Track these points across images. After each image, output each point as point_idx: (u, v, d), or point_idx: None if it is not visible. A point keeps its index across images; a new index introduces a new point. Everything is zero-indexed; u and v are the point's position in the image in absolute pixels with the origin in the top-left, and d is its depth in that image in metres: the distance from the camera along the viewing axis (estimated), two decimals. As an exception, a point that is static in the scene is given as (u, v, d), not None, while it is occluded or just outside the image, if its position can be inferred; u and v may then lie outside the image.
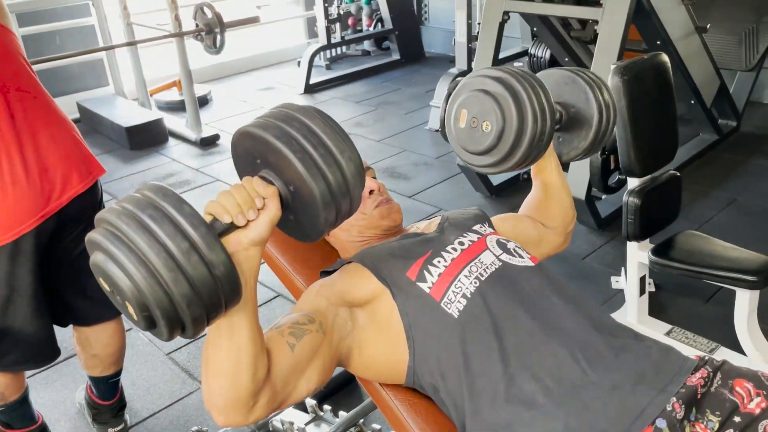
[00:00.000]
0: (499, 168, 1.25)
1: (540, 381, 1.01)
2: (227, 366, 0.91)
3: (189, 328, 0.82)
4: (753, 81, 3.80)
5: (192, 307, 0.79)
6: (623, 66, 1.90)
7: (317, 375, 1.04)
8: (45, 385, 2.25)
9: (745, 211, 3.04)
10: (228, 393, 0.92)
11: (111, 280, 0.80)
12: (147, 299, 0.78)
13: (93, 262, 0.82)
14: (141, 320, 0.81)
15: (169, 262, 0.77)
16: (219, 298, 0.82)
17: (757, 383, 1.01)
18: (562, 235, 1.46)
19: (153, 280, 0.77)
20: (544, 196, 1.44)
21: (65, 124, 1.64)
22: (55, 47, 4.72)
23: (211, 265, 0.80)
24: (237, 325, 0.91)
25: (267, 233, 0.90)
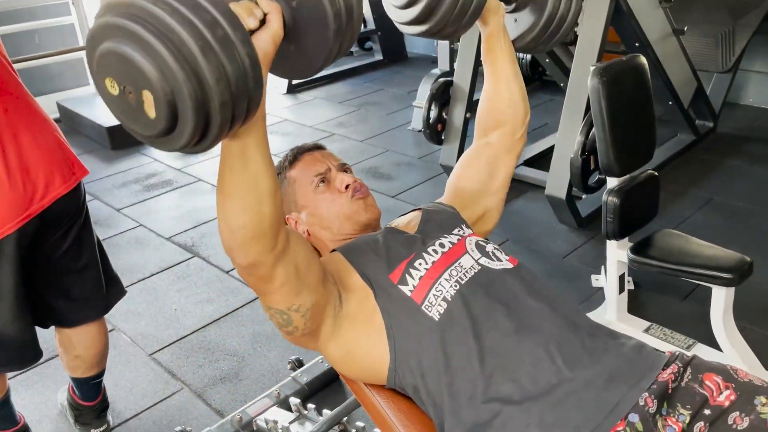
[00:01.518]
0: (426, 26, 1.18)
1: (516, 381, 1.03)
2: (248, 198, 0.90)
3: (215, 122, 0.73)
4: (729, 82, 3.87)
5: (221, 87, 0.71)
6: (602, 67, 1.94)
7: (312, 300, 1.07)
8: (27, 387, 2.23)
9: (721, 211, 3.10)
10: (253, 224, 0.92)
11: (129, 66, 0.71)
12: (175, 76, 0.69)
13: (104, 50, 0.72)
14: (162, 112, 0.72)
15: (196, 33, 0.69)
16: (246, 86, 0.74)
17: (725, 377, 1.04)
18: (510, 138, 1.39)
19: (179, 54, 0.69)
20: (493, 84, 1.36)
21: (48, 125, 1.64)
22: (34, 46, 4.67)
23: (236, 46, 0.72)
24: (252, 150, 0.88)
25: (270, 49, 0.84)
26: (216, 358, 2.32)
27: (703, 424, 1.00)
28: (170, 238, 3.16)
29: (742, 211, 3.08)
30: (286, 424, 1.85)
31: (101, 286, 1.83)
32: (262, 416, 1.91)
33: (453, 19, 1.19)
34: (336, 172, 1.33)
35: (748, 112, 4.28)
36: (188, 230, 3.21)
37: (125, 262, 2.95)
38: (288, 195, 1.34)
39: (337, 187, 1.30)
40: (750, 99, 4.37)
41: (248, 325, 2.47)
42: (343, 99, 5.10)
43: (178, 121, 0.72)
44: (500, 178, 1.40)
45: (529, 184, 3.40)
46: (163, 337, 2.44)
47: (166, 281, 2.81)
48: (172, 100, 0.71)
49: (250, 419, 1.92)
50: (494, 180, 1.40)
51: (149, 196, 3.64)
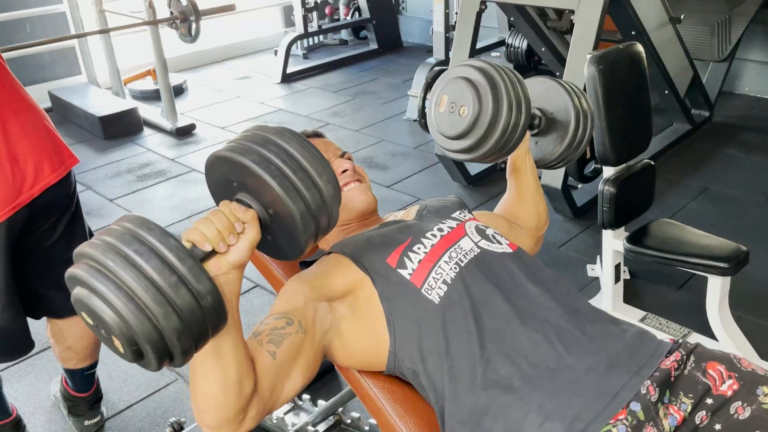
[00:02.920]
0: (472, 154, 1.28)
1: (516, 364, 1.02)
2: (214, 387, 0.92)
3: (178, 358, 0.82)
4: (725, 71, 3.86)
5: (182, 339, 0.79)
6: (599, 55, 1.92)
7: (302, 374, 1.05)
8: (19, 378, 2.21)
9: (716, 200, 3.10)
10: (217, 412, 0.93)
11: (96, 315, 0.79)
12: (136, 334, 0.77)
13: (75, 297, 0.81)
14: (128, 354, 0.80)
15: (158, 297, 0.77)
16: (207, 327, 0.82)
17: (729, 366, 1.03)
18: (533, 238, 1.48)
19: (142, 315, 0.77)
20: (518, 197, 1.46)
21: (36, 113, 1.61)
22: (25, 35, 4.62)
23: (199, 296, 0.80)
24: (222, 347, 0.91)
25: (247, 257, 0.91)
26: (210, 348, 2.30)
27: (705, 413, 0.99)
28: (164, 229, 3.13)
29: (737, 200, 3.08)
30: (281, 415, 1.85)
31: (93, 277, 1.80)
32: (257, 407, 1.90)
33: (496, 153, 1.27)
34: (336, 160, 1.33)
35: (744, 101, 4.28)
36: (182, 220, 3.19)
37: (118, 252, 2.93)
38: None
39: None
40: (746, 88, 4.37)
41: (243, 316, 2.44)
42: (338, 88, 5.07)
43: (144, 356, 0.81)
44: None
45: (524, 174, 3.39)
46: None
47: (160, 272, 2.79)
48: (132, 340, 0.78)
49: (244, 410, 1.91)
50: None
51: (142, 186, 3.61)
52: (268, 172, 0.88)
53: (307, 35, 5.55)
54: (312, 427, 1.75)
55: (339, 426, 1.79)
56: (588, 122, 1.37)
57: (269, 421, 1.86)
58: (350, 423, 1.80)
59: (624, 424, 0.95)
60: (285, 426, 1.82)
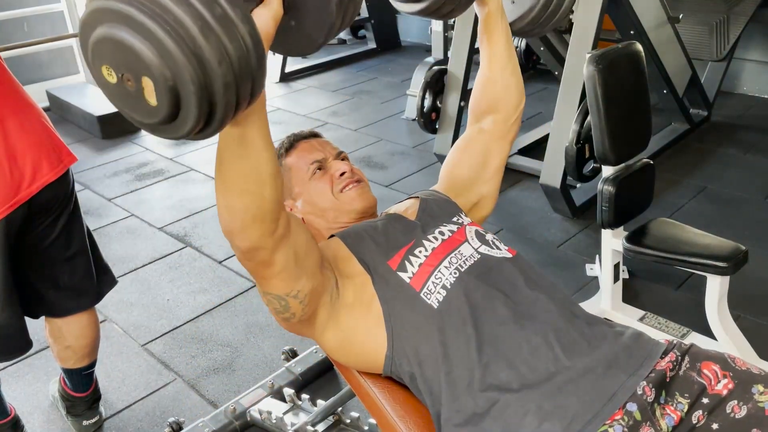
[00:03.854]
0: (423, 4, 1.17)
1: (514, 368, 1.03)
2: (249, 182, 0.89)
3: (219, 105, 0.69)
4: (724, 71, 3.87)
5: (223, 68, 0.67)
6: (598, 55, 1.92)
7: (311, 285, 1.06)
8: (17, 378, 2.21)
9: (715, 199, 3.10)
10: (254, 207, 0.91)
11: (126, 52, 0.67)
12: (176, 61, 0.65)
13: (97, 38, 0.68)
14: (164, 99, 0.68)
15: (193, 12, 0.65)
16: (248, 65, 0.70)
17: (723, 365, 1.03)
18: (503, 125, 1.36)
19: (177, 36, 0.65)
20: (488, 66, 1.34)
21: (34, 112, 1.61)
22: (23, 34, 4.61)
23: (236, 23, 0.68)
24: (253, 134, 0.87)
25: (271, 29, 0.81)
26: (209, 348, 2.30)
27: (702, 412, 0.99)
28: (162, 228, 3.13)
29: (736, 199, 3.08)
30: (280, 415, 1.84)
31: (92, 276, 1.80)
32: (256, 407, 1.90)
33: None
34: (333, 161, 1.32)
35: (742, 100, 4.28)
36: (180, 220, 3.18)
37: (117, 252, 2.92)
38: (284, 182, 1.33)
39: (332, 174, 1.29)
40: (744, 88, 4.37)
41: (241, 316, 2.46)
42: (337, 88, 5.07)
43: (180, 108, 0.69)
44: (494, 165, 1.38)
45: (523, 173, 3.39)
46: (156, 328, 2.42)
47: (159, 271, 2.78)
48: (174, 85, 0.67)
49: (243, 410, 1.90)
50: (488, 167, 1.38)
51: (141, 185, 3.60)
52: None
53: (305, 34, 5.54)
54: (311, 427, 1.75)
55: (338, 426, 1.79)
56: None
57: (268, 421, 1.85)
58: (350, 423, 1.79)
59: (621, 424, 0.95)
60: (284, 426, 1.81)
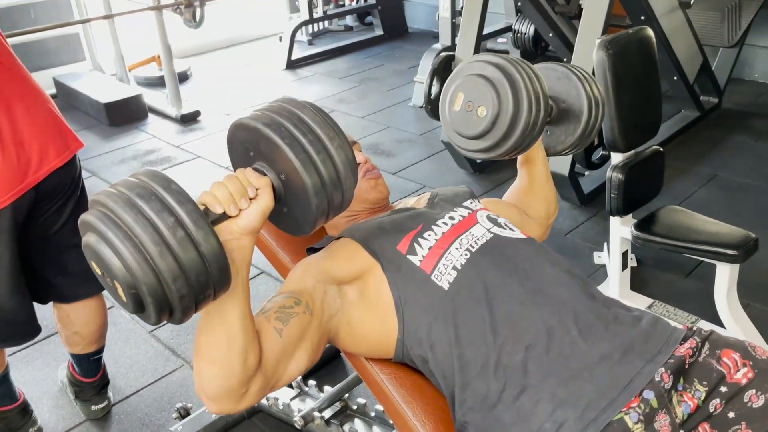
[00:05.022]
0: (490, 154, 1.25)
1: (529, 350, 1.01)
2: (218, 354, 0.92)
3: (177, 309, 0.82)
4: (735, 57, 3.82)
5: (178, 284, 0.79)
6: (608, 40, 1.90)
7: (307, 356, 1.04)
8: (26, 363, 2.22)
9: (725, 187, 3.08)
10: (220, 381, 0.93)
11: (103, 262, 0.81)
12: (138, 283, 0.79)
13: (85, 243, 0.83)
14: (130, 303, 0.82)
15: (154, 236, 0.78)
16: (207, 279, 0.82)
17: (743, 354, 1.02)
18: (542, 227, 1.48)
19: (147, 266, 0.78)
20: (529, 187, 1.45)
21: (41, 97, 1.60)
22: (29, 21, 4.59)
23: (198, 243, 0.80)
24: (228, 313, 0.91)
25: (259, 223, 0.91)
26: (216, 334, 2.31)
27: (719, 401, 0.98)
28: (169, 215, 3.13)
29: (746, 187, 3.05)
30: (287, 401, 1.85)
31: (99, 262, 1.80)
32: (263, 393, 1.90)
33: (516, 151, 1.24)
34: None
35: (754, 87, 4.24)
36: (187, 207, 3.18)
37: (124, 238, 2.93)
38: None
39: None
40: (755, 74, 4.32)
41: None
42: (344, 75, 5.04)
43: (144, 308, 0.82)
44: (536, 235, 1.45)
45: (531, 161, 3.37)
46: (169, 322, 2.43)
47: (166, 258, 2.79)
48: (135, 292, 0.80)
49: (250, 395, 1.91)
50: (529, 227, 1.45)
51: (148, 172, 3.60)
52: (277, 134, 0.89)
53: (312, 21, 5.51)
54: (318, 413, 1.75)
55: (345, 412, 1.79)
56: (600, 110, 1.34)
57: (275, 407, 1.86)
58: (356, 409, 1.79)
59: (637, 411, 0.94)
60: (291, 412, 1.82)
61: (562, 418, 0.95)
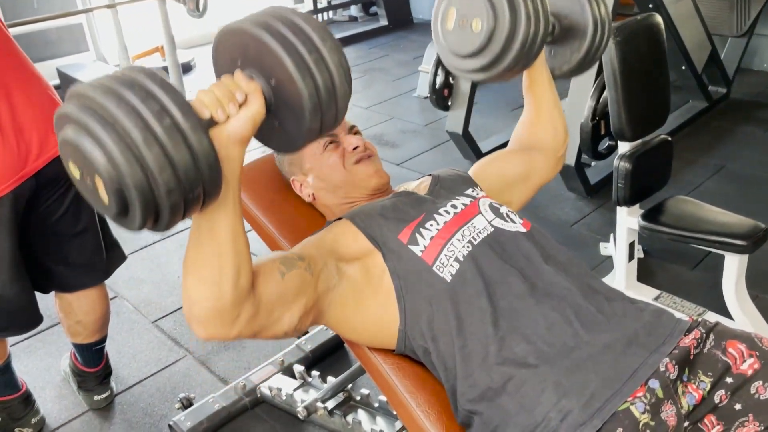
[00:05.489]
0: (488, 73, 1.19)
1: (532, 343, 1.00)
2: (209, 272, 0.88)
3: (164, 208, 0.75)
4: (744, 47, 3.77)
5: (165, 176, 0.73)
6: (616, 27, 1.86)
7: (299, 314, 1.01)
8: (29, 353, 2.22)
9: (733, 178, 3.04)
10: (210, 302, 0.89)
11: (80, 153, 0.74)
12: (124, 179, 0.72)
13: (63, 137, 0.76)
14: (112, 201, 0.74)
15: (139, 123, 0.72)
16: (196, 176, 0.75)
17: (750, 344, 1.00)
18: (552, 159, 1.43)
19: (134, 159, 0.72)
20: (536, 113, 1.40)
21: (41, 84, 1.59)
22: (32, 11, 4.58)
23: (186, 134, 0.74)
24: (219, 226, 0.87)
25: (248, 131, 0.85)
26: (219, 325, 2.30)
27: (725, 392, 0.96)
28: (173, 206, 3.12)
29: (754, 178, 3.02)
30: (290, 392, 1.84)
31: (101, 251, 1.79)
32: (266, 383, 1.90)
33: (515, 69, 1.19)
34: (345, 135, 1.30)
35: (763, 77, 4.19)
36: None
37: (127, 229, 2.92)
38: (294, 157, 1.33)
39: (345, 148, 1.27)
40: (764, 64, 4.26)
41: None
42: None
43: (128, 210, 0.75)
44: (534, 184, 1.43)
45: (536, 152, 3.34)
46: (166, 305, 2.42)
47: (169, 248, 2.78)
48: (119, 187, 0.73)
49: (253, 386, 1.90)
50: (528, 183, 1.42)
51: (151, 163, 3.59)
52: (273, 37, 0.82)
53: (316, 11, 5.49)
54: (321, 404, 1.74)
55: (348, 402, 1.78)
56: (606, 29, 1.29)
57: (278, 397, 1.85)
58: (360, 400, 1.78)
59: (642, 401, 0.92)
60: (294, 402, 1.81)
61: (567, 408, 0.93)
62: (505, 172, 1.39)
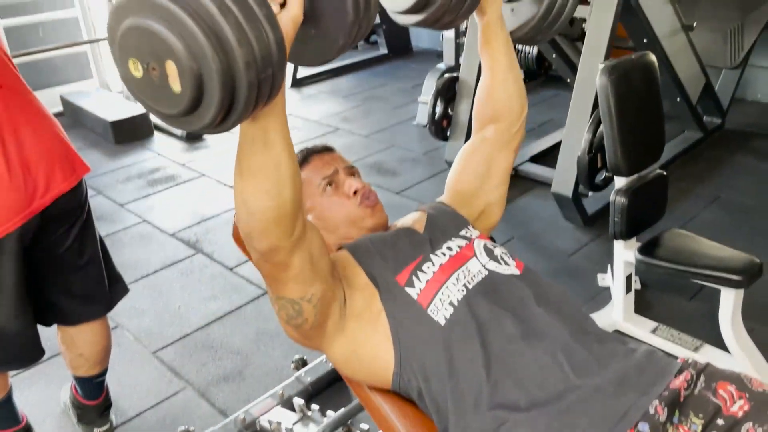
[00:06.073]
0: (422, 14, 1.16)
1: (524, 387, 1.02)
2: (270, 183, 0.90)
3: (240, 92, 0.72)
4: (738, 78, 3.83)
5: (244, 49, 0.70)
6: (611, 65, 1.91)
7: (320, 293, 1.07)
8: (29, 385, 2.22)
9: (728, 208, 3.07)
10: (273, 211, 0.92)
11: (154, 39, 0.70)
12: (200, 45, 0.68)
13: (127, 28, 0.72)
14: (187, 86, 0.71)
15: (222, 7, 0.70)
16: (269, 55, 0.74)
17: (739, 386, 1.02)
18: (507, 133, 1.35)
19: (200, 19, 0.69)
20: (490, 76, 1.33)
21: (48, 121, 1.62)
22: (38, 39, 4.65)
23: (270, 40, 0.73)
24: (272, 134, 0.88)
25: (291, 32, 0.84)
26: (219, 356, 2.31)
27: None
28: (174, 234, 3.14)
29: (750, 208, 3.05)
30: (290, 426, 1.84)
31: (104, 284, 1.81)
32: (266, 416, 1.90)
33: (452, 6, 1.16)
34: (344, 176, 1.32)
35: (757, 108, 4.25)
36: (192, 226, 3.19)
37: (129, 258, 2.94)
38: None
39: (345, 191, 1.29)
40: (758, 95, 4.33)
41: (252, 323, 2.46)
42: (348, 93, 5.07)
43: (203, 92, 0.72)
44: (499, 174, 1.38)
45: (534, 181, 3.38)
46: (167, 335, 2.43)
47: (170, 278, 2.80)
48: (198, 71, 0.70)
49: (253, 419, 1.90)
50: (492, 175, 1.37)
51: (153, 191, 3.62)
52: None
53: (317, 40, 5.55)
54: (321, 438, 1.74)
55: (348, 437, 1.79)
56: None
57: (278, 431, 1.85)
58: (359, 434, 1.79)
59: (633, 444, 0.94)
60: (294, 436, 1.81)
61: None
62: (467, 180, 1.37)
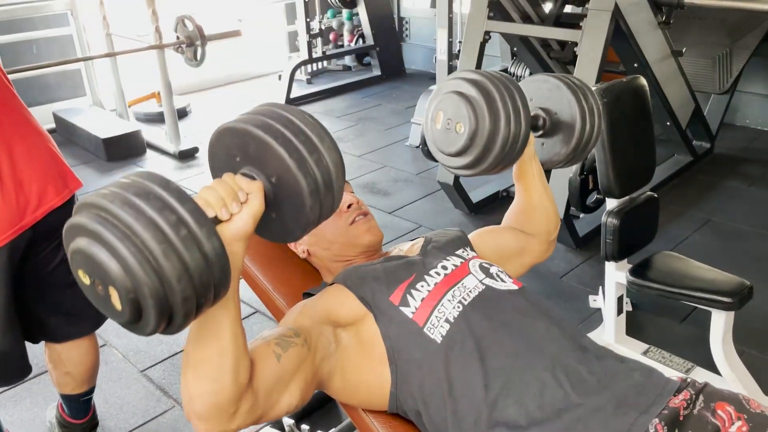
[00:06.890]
0: (473, 170, 1.25)
1: (523, 406, 1.01)
2: (209, 369, 0.90)
3: (178, 314, 0.77)
4: (726, 104, 3.89)
5: (182, 284, 0.74)
6: (602, 89, 1.93)
7: (299, 391, 1.02)
8: (15, 403, 2.19)
9: (718, 231, 3.10)
10: (209, 398, 0.90)
11: (94, 264, 0.75)
12: (135, 277, 0.73)
13: (74, 247, 0.77)
14: (126, 308, 0.75)
15: (158, 235, 0.73)
16: (209, 280, 0.77)
17: (738, 407, 1.02)
18: (545, 243, 1.45)
19: (141, 255, 0.73)
20: (526, 201, 1.43)
21: (41, 137, 1.62)
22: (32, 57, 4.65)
23: (200, 242, 0.76)
24: (220, 323, 0.89)
25: (250, 228, 0.89)
26: (209, 375, 2.28)
27: None
28: (165, 252, 3.12)
29: (739, 232, 3.07)
30: (279, 445, 1.82)
31: (93, 302, 1.79)
32: (255, 436, 1.88)
33: (499, 166, 1.25)
34: None
35: (745, 133, 4.30)
36: (183, 244, 3.17)
37: (118, 275, 2.91)
38: None
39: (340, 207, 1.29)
40: (747, 120, 4.39)
41: (242, 342, 2.44)
42: (341, 114, 5.10)
43: (142, 315, 0.76)
44: (527, 262, 1.45)
45: (526, 203, 3.39)
46: (155, 353, 2.41)
47: (160, 296, 2.77)
48: (135, 297, 0.74)
49: (242, 439, 1.88)
50: (520, 260, 1.44)
51: (144, 208, 3.60)
52: (269, 134, 0.87)
53: (311, 61, 5.59)
54: (311, 459, 1.72)
55: (338, 458, 1.77)
56: (595, 119, 1.33)
57: (267, 451, 1.83)
58: (349, 455, 1.77)
59: (632, 464, 0.93)
60: (283, 457, 1.79)
61: None
62: (500, 244, 1.41)
